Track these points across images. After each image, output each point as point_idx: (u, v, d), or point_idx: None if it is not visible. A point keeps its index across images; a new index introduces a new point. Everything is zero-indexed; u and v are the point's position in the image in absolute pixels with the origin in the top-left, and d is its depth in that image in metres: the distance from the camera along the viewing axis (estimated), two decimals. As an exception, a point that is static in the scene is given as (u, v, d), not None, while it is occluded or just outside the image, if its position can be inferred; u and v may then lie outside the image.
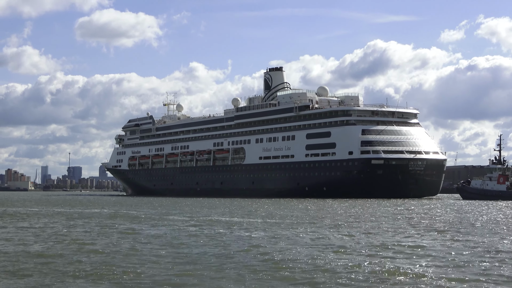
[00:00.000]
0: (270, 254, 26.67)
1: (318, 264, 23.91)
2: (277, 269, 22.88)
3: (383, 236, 34.88)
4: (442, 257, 25.73)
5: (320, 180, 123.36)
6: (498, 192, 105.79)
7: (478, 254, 26.97)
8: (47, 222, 49.29)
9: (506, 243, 31.75)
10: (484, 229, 40.10)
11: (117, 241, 32.96)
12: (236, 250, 28.59)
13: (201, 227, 42.44)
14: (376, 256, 26.06)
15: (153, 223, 47.11)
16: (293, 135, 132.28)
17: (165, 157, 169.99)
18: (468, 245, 30.34)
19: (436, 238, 34.11)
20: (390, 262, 24.37)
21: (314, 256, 26.02)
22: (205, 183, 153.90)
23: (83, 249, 29.14)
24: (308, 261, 24.59)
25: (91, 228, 42.53)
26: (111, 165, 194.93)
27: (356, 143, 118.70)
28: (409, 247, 29.09)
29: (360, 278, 21.01)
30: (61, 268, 23.48)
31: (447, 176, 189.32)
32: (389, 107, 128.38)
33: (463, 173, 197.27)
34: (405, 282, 20.34)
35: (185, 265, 23.94)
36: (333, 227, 41.66)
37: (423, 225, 43.13)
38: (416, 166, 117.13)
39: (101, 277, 21.48)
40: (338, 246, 29.90)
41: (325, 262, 24.16)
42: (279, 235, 35.70)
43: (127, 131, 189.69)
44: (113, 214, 60.72)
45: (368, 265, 23.58)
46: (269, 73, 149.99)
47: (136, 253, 27.55)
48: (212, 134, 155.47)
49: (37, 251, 28.49)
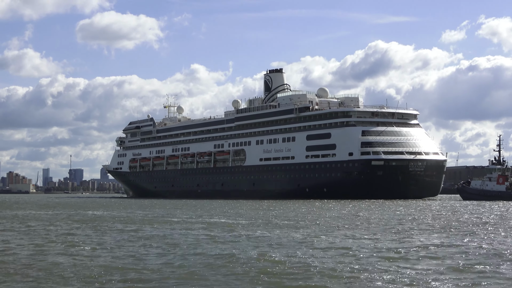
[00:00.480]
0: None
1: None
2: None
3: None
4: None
5: (320, 181, 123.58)
6: (498, 192, 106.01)
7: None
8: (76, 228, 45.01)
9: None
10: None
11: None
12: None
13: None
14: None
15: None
16: (293, 137, 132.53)
17: (166, 159, 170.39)
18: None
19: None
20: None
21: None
22: (206, 184, 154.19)
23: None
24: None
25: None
26: (112, 167, 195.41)
27: (356, 144, 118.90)
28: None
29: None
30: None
31: (449, 177, 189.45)
32: (389, 108, 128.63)
33: (464, 174, 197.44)
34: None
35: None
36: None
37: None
38: (416, 167, 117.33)
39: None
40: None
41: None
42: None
43: (128, 133, 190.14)
44: (150, 220, 54.63)
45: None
46: (269, 75, 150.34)
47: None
48: (213, 136, 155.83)
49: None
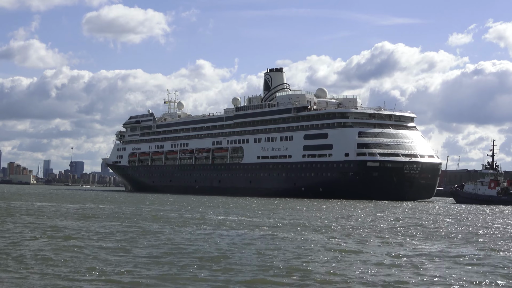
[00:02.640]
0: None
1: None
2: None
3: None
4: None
5: (316, 180, 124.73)
6: (489, 197, 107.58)
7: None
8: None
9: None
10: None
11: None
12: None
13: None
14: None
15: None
16: (290, 136, 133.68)
17: (165, 154, 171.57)
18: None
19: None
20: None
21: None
22: (203, 181, 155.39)
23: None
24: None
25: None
26: (111, 160, 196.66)
27: (353, 145, 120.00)
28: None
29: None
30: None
31: (450, 180, 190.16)
32: (386, 110, 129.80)
33: (465, 177, 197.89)
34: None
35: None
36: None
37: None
38: (411, 169, 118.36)
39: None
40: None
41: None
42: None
43: (128, 127, 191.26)
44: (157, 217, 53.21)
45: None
46: (269, 74, 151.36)
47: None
48: (212, 132, 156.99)
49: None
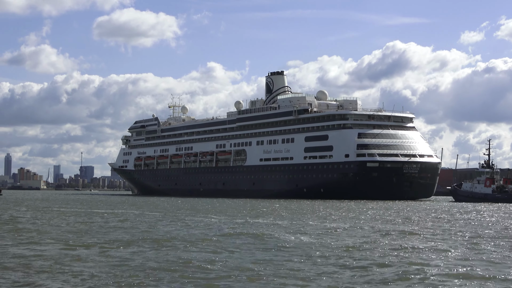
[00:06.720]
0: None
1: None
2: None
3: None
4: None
5: (317, 182, 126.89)
6: (484, 195, 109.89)
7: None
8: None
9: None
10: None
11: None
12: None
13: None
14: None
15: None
16: (292, 138, 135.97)
17: (170, 158, 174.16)
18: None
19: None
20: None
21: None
22: (208, 183, 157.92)
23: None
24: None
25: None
26: (117, 165, 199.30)
27: (352, 146, 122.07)
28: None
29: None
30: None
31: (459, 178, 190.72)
32: (386, 111, 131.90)
33: (474, 176, 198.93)
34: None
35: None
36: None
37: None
38: (410, 169, 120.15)
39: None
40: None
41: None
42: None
43: (133, 132, 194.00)
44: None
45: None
46: (270, 77, 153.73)
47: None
48: (215, 136, 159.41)
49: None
